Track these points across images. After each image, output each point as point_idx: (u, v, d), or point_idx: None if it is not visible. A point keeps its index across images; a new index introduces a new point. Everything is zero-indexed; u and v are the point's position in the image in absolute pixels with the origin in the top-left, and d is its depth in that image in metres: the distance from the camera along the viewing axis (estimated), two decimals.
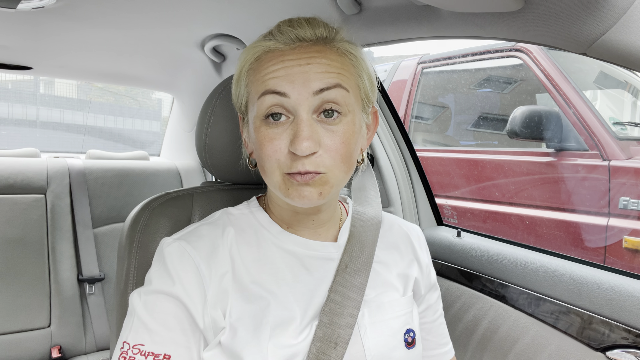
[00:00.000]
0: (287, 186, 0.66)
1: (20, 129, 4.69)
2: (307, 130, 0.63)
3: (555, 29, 0.69)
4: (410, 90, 3.41)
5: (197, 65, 1.75)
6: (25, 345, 1.71)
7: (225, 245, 0.71)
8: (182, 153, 2.38)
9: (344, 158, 0.66)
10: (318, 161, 0.64)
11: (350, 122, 0.67)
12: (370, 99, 0.73)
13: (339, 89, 0.65)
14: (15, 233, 1.77)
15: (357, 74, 0.70)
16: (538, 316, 1.02)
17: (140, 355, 0.63)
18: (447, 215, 2.99)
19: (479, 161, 2.89)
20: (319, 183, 0.65)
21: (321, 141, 0.64)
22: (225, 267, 0.69)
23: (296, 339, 0.66)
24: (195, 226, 0.74)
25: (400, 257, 0.83)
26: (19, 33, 1.41)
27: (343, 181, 0.69)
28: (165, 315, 0.65)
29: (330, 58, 0.67)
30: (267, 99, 0.65)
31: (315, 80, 0.64)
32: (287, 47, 0.67)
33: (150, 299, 0.66)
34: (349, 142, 0.66)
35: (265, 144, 0.66)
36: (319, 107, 0.65)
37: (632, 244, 2.16)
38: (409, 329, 0.76)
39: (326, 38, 0.68)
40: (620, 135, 2.42)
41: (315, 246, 0.74)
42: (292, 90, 0.64)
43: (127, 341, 0.64)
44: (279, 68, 0.65)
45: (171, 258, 0.67)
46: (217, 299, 0.66)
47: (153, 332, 0.64)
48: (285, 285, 0.70)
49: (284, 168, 0.65)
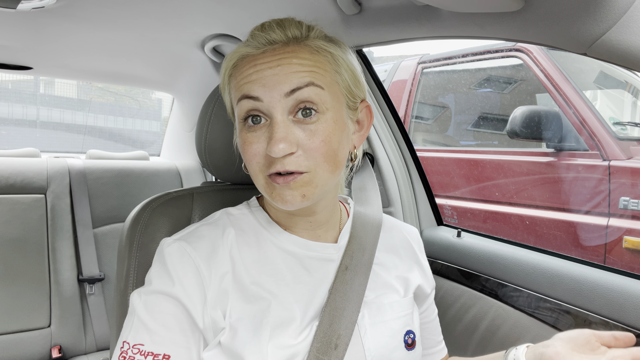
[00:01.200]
0: (270, 189, 0.67)
1: (20, 129, 4.69)
2: (280, 132, 0.63)
3: (556, 29, 0.69)
4: (410, 90, 3.41)
5: (197, 65, 1.75)
6: (25, 345, 1.71)
7: (226, 245, 0.71)
8: (182, 153, 2.38)
9: (327, 157, 0.66)
10: (298, 161, 0.64)
11: (330, 120, 0.66)
12: (354, 94, 0.72)
13: (312, 87, 0.65)
14: (16, 233, 1.77)
15: (333, 70, 0.68)
16: (538, 316, 1.02)
17: (140, 355, 0.63)
18: (447, 215, 2.99)
19: (479, 161, 2.89)
20: (300, 184, 0.65)
21: (299, 141, 0.64)
22: (226, 268, 0.69)
23: (296, 339, 0.66)
24: (195, 227, 0.74)
25: (400, 260, 0.83)
26: (19, 33, 1.41)
27: (329, 181, 0.68)
28: (165, 316, 0.65)
29: (302, 57, 0.66)
30: (243, 104, 0.66)
31: (285, 82, 0.64)
32: (258, 52, 0.67)
33: (150, 299, 0.66)
34: (330, 140, 0.66)
35: (245, 148, 0.67)
36: (294, 108, 0.65)
37: (632, 244, 2.16)
38: (409, 331, 0.76)
39: (298, 38, 0.68)
40: (621, 135, 2.42)
41: (316, 247, 0.74)
42: (264, 93, 0.64)
43: (127, 341, 0.65)
44: (251, 72, 0.66)
45: (171, 259, 0.67)
46: (217, 299, 0.66)
47: (153, 332, 0.64)
48: (285, 285, 0.70)
49: (264, 170, 0.66)
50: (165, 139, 2.57)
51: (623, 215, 2.23)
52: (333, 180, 0.69)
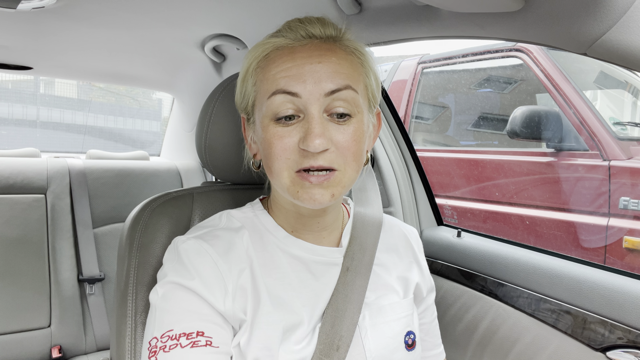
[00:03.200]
0: (296, 188, 0.64)
1: (20, 129, 4.69)
2: (319, 128, 0.62)
3: (556, 29, 0.69)
4: (411, 90, 3.41)
5: (198, 65, 1.75)
6: (25, 345, 1.71)
7: (242, 244, 0.70)
8: (182, 153, 2.38)
9: (356, 156, 0.66)
10: (332, 157, 0.64)
11: (360, 122, 0.67)
12: (376, 99, 0.73)
13: (349, 90, 0.65)
14: (16, 233, 1.77)
15: (364, 74, 0.69)
16: (538, 316, 1.02)
17: (172, 340, 0.61)
18: (447, 215, 2.99)
19: (479, 161, 2.89)
20: (333, 184, 0.64)
21: (332, 138, 0.64)
22: (243, 264, 0.68)
23: (303, 343, 0.66)
24: (208, 229, 0.72)
25: (400, 260, 0.83)
26: (19, 33, 1.41)
27: (353, 181, 0.68)
28: (187, 302, 0.63)
29: (340, 56, 0.66)
30: (277, 99, 0.64)
31: (326, 80, 0.63)
32: (297, 44, 0.66)
33: (167, 288, 0.65)
34: (360, 140, 0.66)
35: (274, 142, 0.64)
36: (330, 108, 0.64)
37: (632, 244, 2.16)
38: (410, 331, 0.76)
39: (335, 37, 0.68)
40: (621, 135, 2.42)
41: (321, 251, 0.74)
42: (303, 90, 0.63)
43: (154, 336, 0.62)
44: (290, 66, 0.64)
45: (187, 254, 0.66)
46: (237, 293, 0.66)
47: (178, 315, 0.62)
48: (292, 290, 0.70)
49: (293, 166, 0.64)
50: (166, 139, 2.57)
51: (623, 216, 2.23)
52: (355, 181, 0.69)
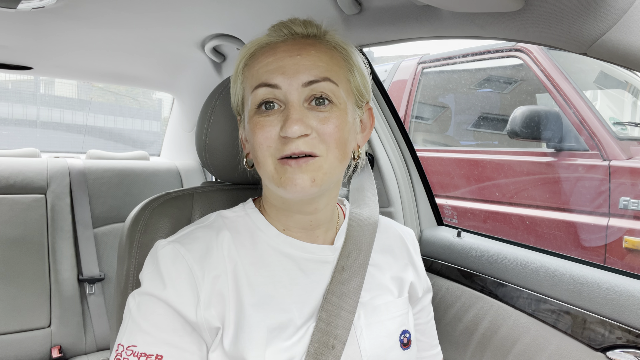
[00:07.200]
0: (279, 174, 0.66)
1: (20, 129, 4.69)
2: (297, 114, 0.65)
3: (556, 29, 0.69)
4: (411, 90, 3.41)
5: (198, 65, 1.75)
6: (25, 345, 1.71)
7: (221, 247, 0.71)
8: (182, 153, 2.38)
9: (338, 144, 0.67)
10: (313, 143, 0.65)
11: (343, 112, 0.68)
12: (362, 94, 0.74)
13: (327, 82, 0.67)
14: (16, 233, 1.77)
15: (347, 68, 0.72)
16: (538, 316, 1.02)
17: (133, 356, 0.64)
18: (448, 215, 2.99)
19: (479, 161, 2.89)
20: (312, 168, 0.65)
21: (313, 125, 0.66)
22: (220, 269, 0.69)
23: (293, 340, 0.67)
24: (190, 229, 0.74)
25: (394, 260, 0.83)
26: (19, 33, 1.41)
27: (337, 170, 0.69)
28: (157, 317, 0.65)
29: (320, 50, 0.69)
30: (259, 92, 0.67)
31: (304, 72, 0.66)
32: (279, 40, 0.70)
33: (143, 300, 0.67)
34: (342, 128, 0.68)
35: (257, 131, 0.67)
36: (309, 97, 0.67)
37: (632, 244, 2.16)
38: (405, 330, 0.76)
39: (317, 35, 0.71)
40: (621, 135, 2.42)
41: (312, 249, 0.74)
42: (282, 81, 0.66)
43: (121, 343, 0.65)
44: (271, 60, 0.68)
45: (164, 261, 0.68)
46: (211, 300, 0.67)
47: (145, 333, 0.64)
48: (282, 287, 0.70)
49: (275, 154, 0.66)
50: (166, 139, 2.57)
51: (623, 215, 2.23)
52: (340, 171, 0.70)
